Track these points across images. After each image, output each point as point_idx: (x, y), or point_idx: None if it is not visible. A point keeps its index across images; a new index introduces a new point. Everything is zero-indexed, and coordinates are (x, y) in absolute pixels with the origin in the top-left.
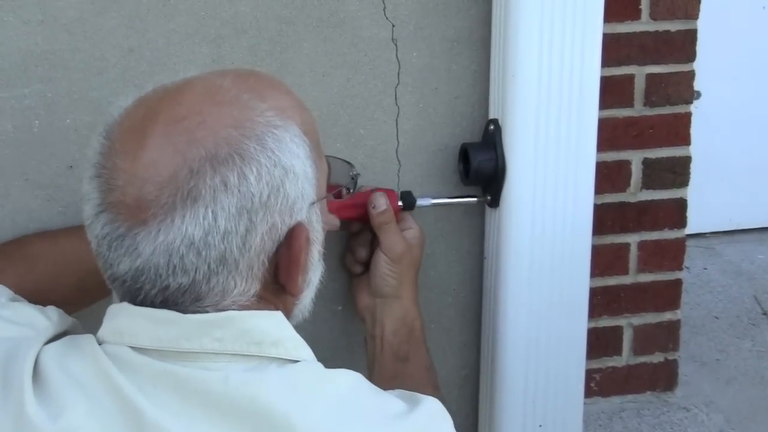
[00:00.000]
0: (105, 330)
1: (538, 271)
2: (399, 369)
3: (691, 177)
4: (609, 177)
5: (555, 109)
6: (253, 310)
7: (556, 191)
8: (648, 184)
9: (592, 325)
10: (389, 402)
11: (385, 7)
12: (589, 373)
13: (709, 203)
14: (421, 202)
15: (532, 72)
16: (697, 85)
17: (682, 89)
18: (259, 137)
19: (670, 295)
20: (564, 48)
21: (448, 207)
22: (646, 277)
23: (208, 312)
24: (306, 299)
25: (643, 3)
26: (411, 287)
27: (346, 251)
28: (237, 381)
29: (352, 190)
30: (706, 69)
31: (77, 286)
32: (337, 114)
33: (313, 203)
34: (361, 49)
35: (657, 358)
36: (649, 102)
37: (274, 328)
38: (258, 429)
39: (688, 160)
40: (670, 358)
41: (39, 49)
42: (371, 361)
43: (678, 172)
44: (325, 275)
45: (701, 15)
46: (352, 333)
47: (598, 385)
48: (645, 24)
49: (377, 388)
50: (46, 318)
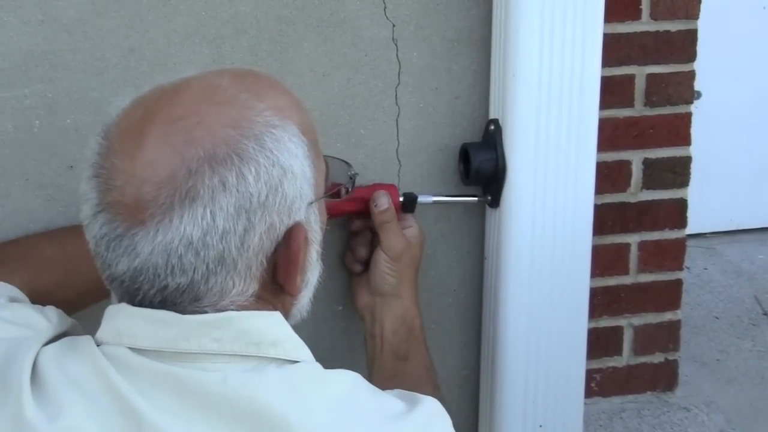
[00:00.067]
0: (103, 331)
1: (539, 272)
2: (398, 368)
3: (691, 177)
4: (609, 177)
5: (555, 109)
6: (251, 310)
7: (557, 191)
8: (648, 184)
9: (593, 325)
10: (388, 402)
11: (385, 6)
12: (590, 373)
13: (710, 203)
14: (422, 199)
15: (533, 72)
16: (697, 85)
17: (683, 89)
18: (258, 137)
19: (670, 295)
20: (564, 48)
21: (448, 207)
22: (647, 278)
23: (207, 312)
24: (304, 299)
25: (644, 3)
26: (410, 286)
27: (346, 250)
28: (235, 382)
29: (350, 190)
30: (706, 69)
31: (85, 289)
32: (337, 114)
33: (311, 203)
34: (362, 49)
35: (657, 358)
36: (649, 102)
37: (273, 328)
38: (256, 430)
39: (688, 160)
40: (671, 358)
41: (39, 49)
42: (371, 360)
43: (678, 172)
44: (325, 275)
45: (701, 15)
46: (353, 333)
47: (598, 385)
48: (645, 24)
49: (376, 389)
50: (46, 319)
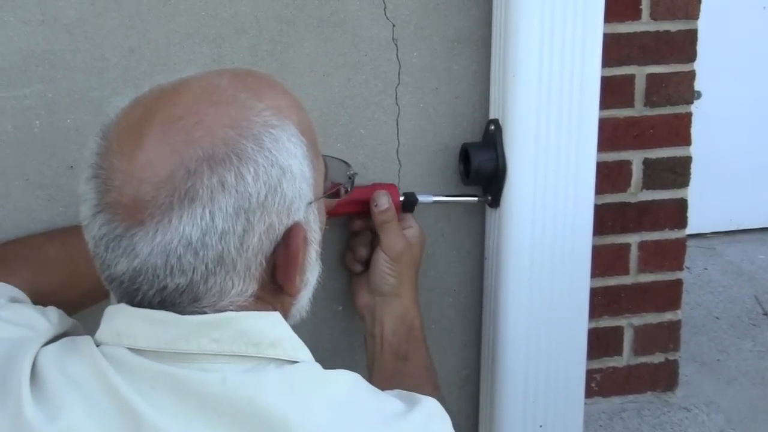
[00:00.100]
0: (103, 331)
1: (539, 272)
2: (398, 368)
3: (691, 177)
4: (609, 177)
5: (555, 109)
6: (250, 310)
7: (557, 191)
8: (648, 184)
9: (593, 325)
10: (387, 402)
11: (385, 6)
12: (590, 374)
13: (710, 203)
14: (423, 198)
15: (533, 72)
16: (697, 85)
17: (683, 89)
18: (257, 137)
19: (670, 295)
20: (564, 48)
21: (448, 207)
22: (647, 278)
23: (206, 313)
24: (304, 299)
25: (644, 3)
26: (410, 286)
27: (346, 250)
28: (235, 382)
29: (349, 190)
30: (706, 69)
31: (87, 290)
32: (337, 114)
33: (310, 203)
34: (362, 49)
35: (657, 358)
36: (649, 102)
37: (272, 328)
38: (256, 430)
39: (688, 160)
40: (671, 358)
41: (39, 50)
42: (371, 359)
43: (678, 173)
44: (325, 275)
45: (701, 15)
46: (353, 333)
47: (598, 385)
48: (645, 24)
49: (375, 389)
50: (46, 319)
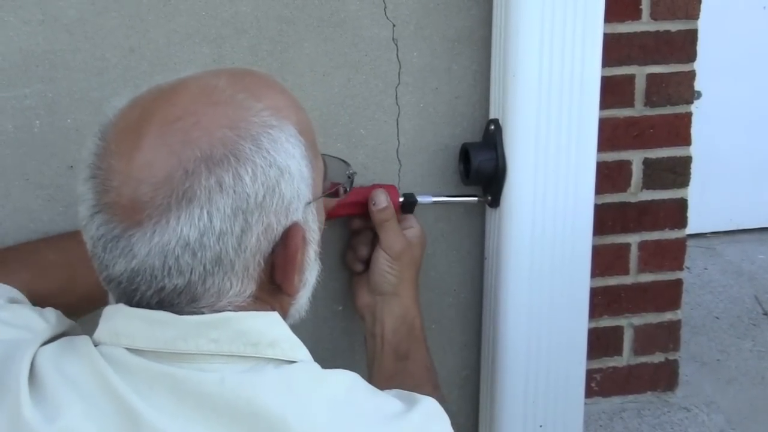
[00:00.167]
0: (101, 331)
1: (539, 272)
2: (399, 367)
3: (691, 177)
4: (609, 177)
5: (555, 109)
6: (249, 310)
7: (557, 191)
8: (648, 184)
9: (593, 325)
10: (386, 402)
11: (385, 6)
12: (590, 373)
13: (710, 203)
14: (422, 199)
15: (533, 72)
16: (697, 85)
17: (683, 89)
18: (255, 137)
19: (670, 295)
20: (565, 48)
21: (448, 207)
22: (647, 277)
23: (204, 313)
24: (303, 299)
25: (644, 3)
26: (411, 285)
27: (347, 249)
28: (233, 382)
29: (348, 189)
30: (706, 69)
31: (86, 294)
32: (337, 114)
33: (309, 203)
34: (362, 48)
35: (657, 358)
36: (649, 102)
37: (271, 328)
38: (254, 430)
39: (688, 160)
40: (671, 358)
41: (40, 49)
42: (371, 359)
43: (678, 172)
44: (326, 274)
45: (701, 15)
46: (353, 333)
47: (598, 385)
48: (645, 24)
49: (374, 388)
50: (44, 320)
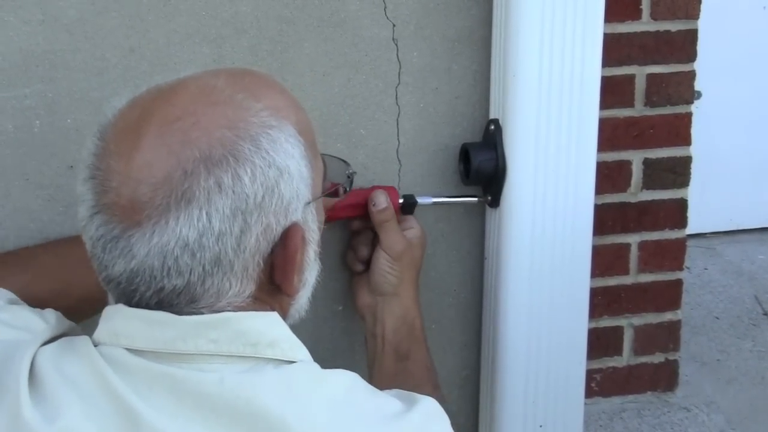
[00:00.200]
0: (101, 332)
1: (539, 272)
2: (399, 367)
3: (691, 177)
4: (609, 177)
5: (555, 109)
6: (248, 311)
7: (557, 191)
8: (648, 184)
9: (593, 325)
10: (386, 402)
11: (385, 6)
12: (590, 374)
13: (710, 203)
14: (422, 200)
15: (533, 72)
16: (697, 85)
17: (683, 89)
18: (254, 138)
19: (670, 295)
20: (565, 48)
21: (448, 207)
22: (647, 278)
23: (204, 313)
24: (302, 299)
25: (644, 3)
26: (411, 286)
27: (347, 249)
28: (232, 382)
29: (348, 189)
30: (706, 69)
31: (81, 301)
32: (337, 114)
33: (308, 203)
34: (362, 48)
35: (657, 358)
36: (649, 102)
37: (270, 328)
38: (254, 430)
39: (688, 160)
40: (671, 358)
41: (40, 49)
42: (371, 359)
43: (678, 173)
44: (326, 274)
45: (701, 15)
46: (353, 333)
47: (598, 385)
48: (645, 24)
49: (374, 388)
50: (44, 321)
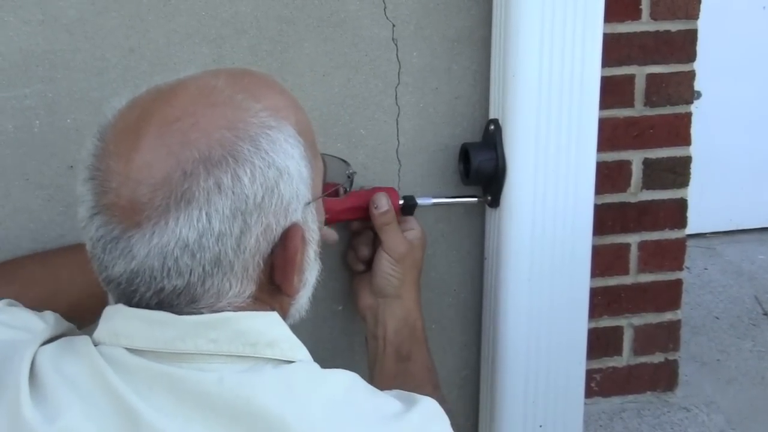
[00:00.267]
0: (101, 331)
1: (539, 272)
2: (400, 368)
3: (691, 177)
4: (609, 177)
5: (555, 109)
6: (248, 311)
7: (557, 191)
8: (648, 184)
9: (593, 325)
10: (385, 402)
11: (385, 6)
12: (590, 374)
13: (710, 203)
14: (422, 201)
15: (533, 72)
16: (697, 85)
17: (683, 89)
18: (253, 138)
19: (670, 295)
20: (564, 48)
21: (448, 207)
22: (647, 278)
23: (203, 313)
24: (303, 299)
25: (644, 3)
26: (413, 287)
27: (348, 249)
28: (232, 382)
29: (348, 189)
30: (706, 69)
31: (69, 311)
32: (337, 114)
33: (308, 203)
34: (362, 49)
35: (657, 358)
36: (649, 102)
37: (270, 328)
38: (253, 430)
39: (688, 160)
40: (671, 358)
41: (40, 49)
42: (372, 360)
43: (678, 173)
44: (326, 274)
45: (701, 15)
46: (353, 333)
47: (598, 385)
48: (645, 24)
49: (373, 389)
50: (43, 321)
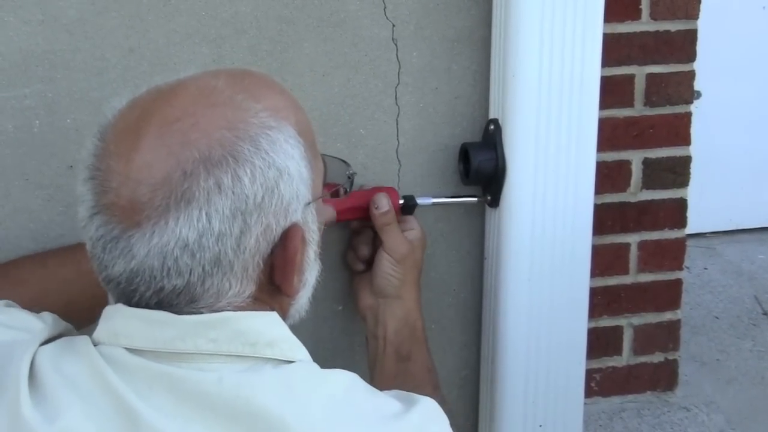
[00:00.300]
0: (100, 331)
1: (539, 271)
2: (400, 368)
3: (691, 177)
4: (609, 177)
5: (555, 109)
6: (248, 311)
7: (557, 191)
8: (648, 184)
9: (593, 325)
10: (385, 402)
11: (385, 6)
12: (590, 373)
13: (710, 203)
14: (422, 201)
15: (533, 72)
16: (697, 85)
17: (683, 89)
18: (253, 138)
19: (670, 295)
20: (564, 48)
21: (448, 207)
22: (647, 277)
23: (203, 313)
24: (302, 299)
25: (644, 3)
26: (413, 288)
27: (348, 249)
28: (231, 382)
29: (348, 189)
30: (706, 69)
31: (63, 312)
32: (337, 114)
33: (308, 204)
34: (362, 49)
35: (657, 358)
36: (649, 102)
37: (269, 328)
38: (253, 430)
39: (688, 160)
40: (671, 358)
41: (39, 49)
42: (372, 360)
43: (678, 172)
44: (326, 274)
45: (701, 15)
46: (353, 333)
47: (598, 385)
48: (645, 24)
49: (373, 389)
50: (42, 321)
